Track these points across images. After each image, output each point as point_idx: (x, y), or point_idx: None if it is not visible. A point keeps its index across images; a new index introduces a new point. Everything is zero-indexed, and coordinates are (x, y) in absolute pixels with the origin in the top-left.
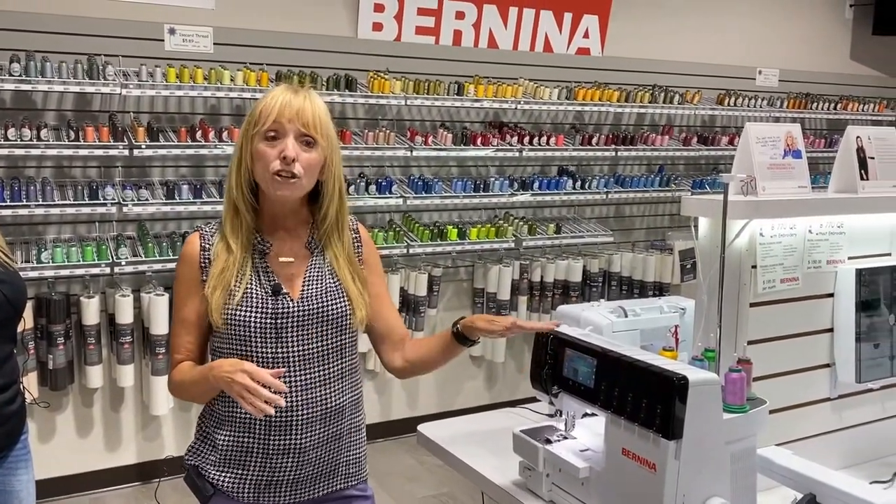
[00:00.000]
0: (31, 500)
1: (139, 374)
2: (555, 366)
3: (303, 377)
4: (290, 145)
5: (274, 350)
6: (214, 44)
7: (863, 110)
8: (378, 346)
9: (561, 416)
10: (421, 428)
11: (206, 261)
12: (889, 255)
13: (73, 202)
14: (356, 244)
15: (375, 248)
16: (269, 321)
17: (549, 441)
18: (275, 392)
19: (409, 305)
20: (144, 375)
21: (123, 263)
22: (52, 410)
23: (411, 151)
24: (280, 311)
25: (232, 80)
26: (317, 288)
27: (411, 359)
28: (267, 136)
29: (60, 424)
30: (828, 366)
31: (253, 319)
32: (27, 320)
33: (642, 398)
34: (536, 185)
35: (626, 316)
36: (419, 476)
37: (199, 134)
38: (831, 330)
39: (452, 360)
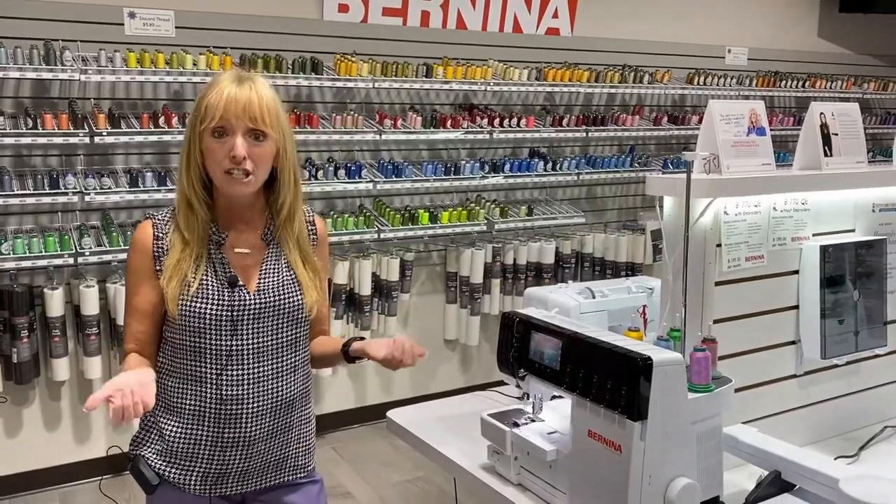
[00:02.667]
0: None
1: (107, 365)
2: (521, 348)
3: (256, 370)
4: (238, 144)
5: (229, 343)
6: (176, 27)
7: (830, 87)
8: None
9: (529, 398)
10: (390, 413)
11: (160, 250)
12: (853, 231)
13: (33, 192)
14: (311, 237)
15: (328, 245)
16: (224, 313)
17: (516, 424)
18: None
19: (382, 291)
20: (112, 367)
21: (87, 254)
22: (19, 404)
23: (380, 135)
24: (236, 303)
25: (195, 64)
26: (273, 281)
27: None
28: (214, 133)
29: (27, 418)
30: (793, 343)
31: (208, 312)
32: None
33: (607, 379)
34: (508, 167)
35: (594, 297)
36: (394, 461)
37: (162, 120)
38: (796, 307)
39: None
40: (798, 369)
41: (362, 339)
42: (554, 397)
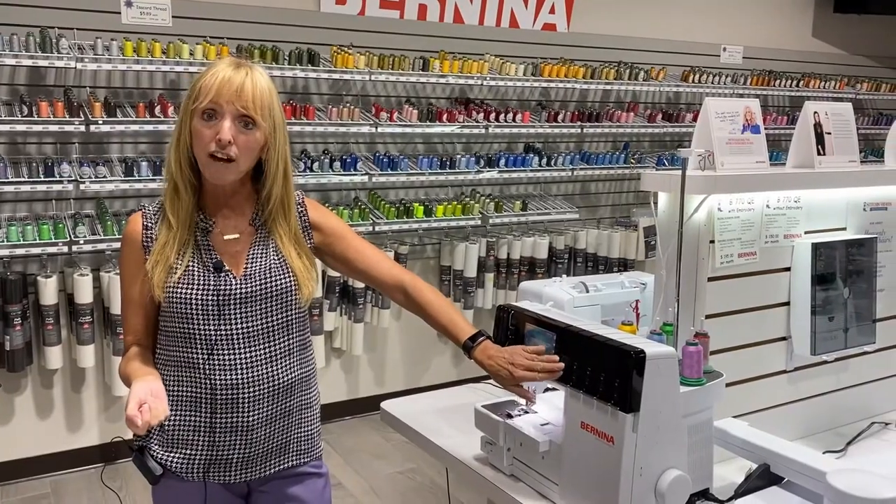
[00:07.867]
0: None
1: (100, 354)
2: (515, 341)
3: (247, 354)
4: (225, 128)
5: (216, 328)
6: (173, 17)
7: (824, 87)
8: (381, 291)
9: None
10: (384, 405)
11: (149, 240)
12: (844, 229)
13: (28, 179)
14: (302, 218)
15: (327, 210)
16: (210, 298)
17: (509, 416)
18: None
19: None
20: (105, 356)
21: (82, 242)
22: (11, 392)
23: (376, 128)
24: (222, 288)
25: (191, 54)
26: (260, 265)
27: (415, 308)
28: (204, 115)
29: (19, 406)
30: (784, 339)
31: (193, 297)
32: None
33: (600, 372)
34: (503, 161)
35: (588, 291)
36: (385, 453)
37: (157, 109)
38: (788, 303)
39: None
40: (788, 365)
41: (488, 337)
42: (547, 389)
